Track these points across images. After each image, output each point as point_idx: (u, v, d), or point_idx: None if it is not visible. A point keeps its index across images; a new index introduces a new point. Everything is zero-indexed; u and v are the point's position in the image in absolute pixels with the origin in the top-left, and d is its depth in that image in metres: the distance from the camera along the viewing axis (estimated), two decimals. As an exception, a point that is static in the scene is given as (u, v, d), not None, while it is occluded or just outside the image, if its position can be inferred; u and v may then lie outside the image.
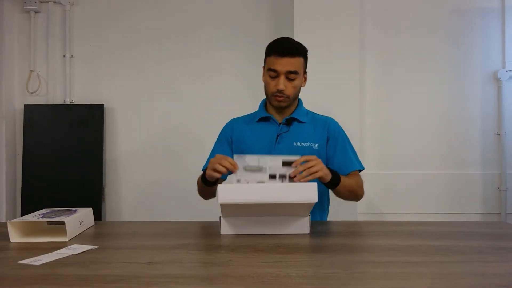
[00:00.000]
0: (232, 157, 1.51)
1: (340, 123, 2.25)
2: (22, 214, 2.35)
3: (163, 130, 2.51)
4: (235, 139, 1.53)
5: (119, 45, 2.52)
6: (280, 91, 1.42)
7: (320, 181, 1.27)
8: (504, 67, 2.35)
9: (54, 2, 2.53)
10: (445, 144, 2.38)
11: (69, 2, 2.51)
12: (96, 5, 2.54)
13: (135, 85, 2.52)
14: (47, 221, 1.26)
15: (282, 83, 1.41)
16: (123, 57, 2.52)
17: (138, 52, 2.52)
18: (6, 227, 1.14)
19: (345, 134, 1.56)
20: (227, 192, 1.11)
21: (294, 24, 2.24)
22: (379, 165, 2.39)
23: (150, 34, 2.52)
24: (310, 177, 1.20)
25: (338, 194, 1.42)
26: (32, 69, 2.52)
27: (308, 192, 1.11)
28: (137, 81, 2.52)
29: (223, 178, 1.39)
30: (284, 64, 1.40)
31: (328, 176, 1.27)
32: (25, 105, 2.48)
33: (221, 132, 1.59)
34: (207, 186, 1.36)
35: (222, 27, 2.50)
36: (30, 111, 2.48)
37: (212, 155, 1.53)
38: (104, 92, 2.52)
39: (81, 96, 2.53)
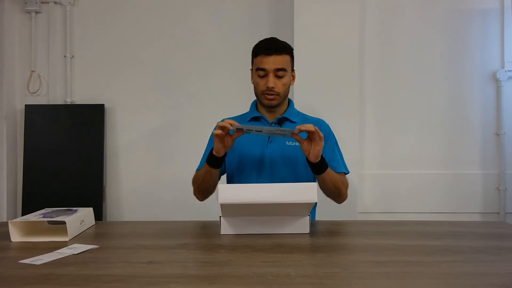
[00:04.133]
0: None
1: (340, 123, 2.25)
2: (23, 214, 2.36)
3: (164, 130, 2.52)
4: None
5: (119, 45, 2.53)
6: (270, 89, 1.43)
7: (309, 160, 1.31)
8: (503, 67, 2.36)
9: (55, 2, 2.53)
10: (445, 144, 2.39)
11: (69, 2, 2.51)
12: (96, 5, 2.54)
13: (135, 85, 2.52)
14: (47, 220, 1.26)
15: (271, 80, 1.42)
16: (123, 57, 2.53)
17: (138, 52, 2.52)
18: (7, 227, 1.15)
19: (335, 137, 1.57)
20: (227, 192, 1.11)
21: (294, 24, 2.24)
22: (379, 165, 2.40)
23: (150, 34, 2.52)
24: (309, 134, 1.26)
25: (323, 185, 1.41)
26: (33, 70, 2.53)
27: (308, 192, 1.11)
28: (138, 82, 2.52)
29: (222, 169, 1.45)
30: (272, 62, 1.42)
31: (319, 156, 1.30)
32: (26, 105, 2.49)
33: (214, 129, 1.57)
34: (214, 167, 1.38)
35: (222, 26, 2.50)
36: (31, 111, 2.48)
37: (206, 153, 1.51)
38: (104, 92, 2.52)
39: (81, 96, 2.53)
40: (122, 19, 2.53)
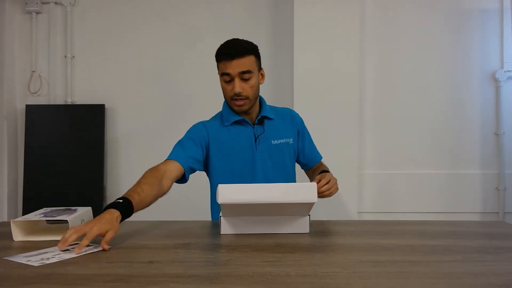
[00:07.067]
0: (202, 159, 1.46)
1: (340, 123, 2.25)
2: (23, 214, 2.36)
3: (164, 130, 2.52)
4: (212, 142, 1.49)
5: (119, 45, 2.53)
6: (238, 94, 1.39)
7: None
8: (502, 67, 2.36)
9: (55, 3, 2.54)
10: (444, 144, 2.39)
11: (70, 3, 2.52)
12: (96, 5, 2.55)
13: (135, 85, 2.53)
14: (47, 220, 1.26)
15: (237, 85, 1.38)
16: (123, 57, 2.53)
17: (138, 52, 2.53)
18: (8, 226, 1.15)
19: (305, 126, 1.61)
20: (227, 192, 1.11)
21: (294, 24, 2.24)
22: (379, 165, 2.40)
23: (150, 34, 2.53)
24: (328, 193, 1.31)
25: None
26: (33, 70, 2.53)
27: (308, 192, 1.11)
28: (138, 81, 2.53)
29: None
30: (235, 66, 1.38)
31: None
32: (26, 105, 2.49)
33: (192, 131, 1.51)
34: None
35: (222, 26, 2.51)
36: (32, 111, 2.48)
37: (180, 145, 1.45)
38: (105, 92, 2.53)
39: (82, 96, 2.54)
40: (122, 19, 2.54)
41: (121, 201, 1.13)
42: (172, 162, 1.38)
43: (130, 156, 2.53)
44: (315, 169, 1.58)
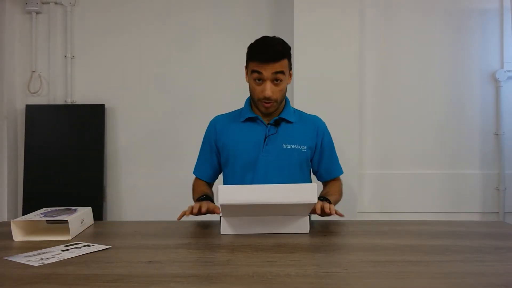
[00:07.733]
0: (218, 164, 1.53)
1: (339, 124, 2.24)
2: (23, 214, 2.36)
3: (164, 130, 2.52)
4: (219, 141, 1.50)
5: (119, 45, 2.53)
6: (268, 98, 1.37)
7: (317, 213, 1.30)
8: (502, 67, 2.36)
9: (55, 3, 2.53)
10: (444, 144, 2.39)
11: (70, 3, 2.52)
12: (96, 5, 2.55)
13: (135, 85, 2.53)
14: (46, 220, 1.26)
15: (268, 89, 1.36)
16: (123, 57, 2.53)
17: (138, 52, 2.53)
18: (8, 226, 1.15)
19: (331, 137, 1.55)
20: (227, 192, 1.11)
21: (294, 24, 2.24)
22: (379, 165, 2.40)
23: (150, 34, 2.53)
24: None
25: None
26: (33, 70, 2.53)
27: (308, 193, 1.11)
28: (138, 81, 2.53)
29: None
30: (269, 68, 1.35)
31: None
32: (26, 105, 2.49)
33: (205, 133, 1.55)
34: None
35: (222, 27, 2.51)
36: (32, 111, 2.48)
37: (199, 160, 1.56)
38: (105, 92, 2.53)
39: (82, 96, 2.54)
40: (122, 19, 2.53)
41: (204, 197, 1.41)
42: (199, 179, 1.58)
43: (130, 156, 2.53)
44: (328, 186, 1.53)
